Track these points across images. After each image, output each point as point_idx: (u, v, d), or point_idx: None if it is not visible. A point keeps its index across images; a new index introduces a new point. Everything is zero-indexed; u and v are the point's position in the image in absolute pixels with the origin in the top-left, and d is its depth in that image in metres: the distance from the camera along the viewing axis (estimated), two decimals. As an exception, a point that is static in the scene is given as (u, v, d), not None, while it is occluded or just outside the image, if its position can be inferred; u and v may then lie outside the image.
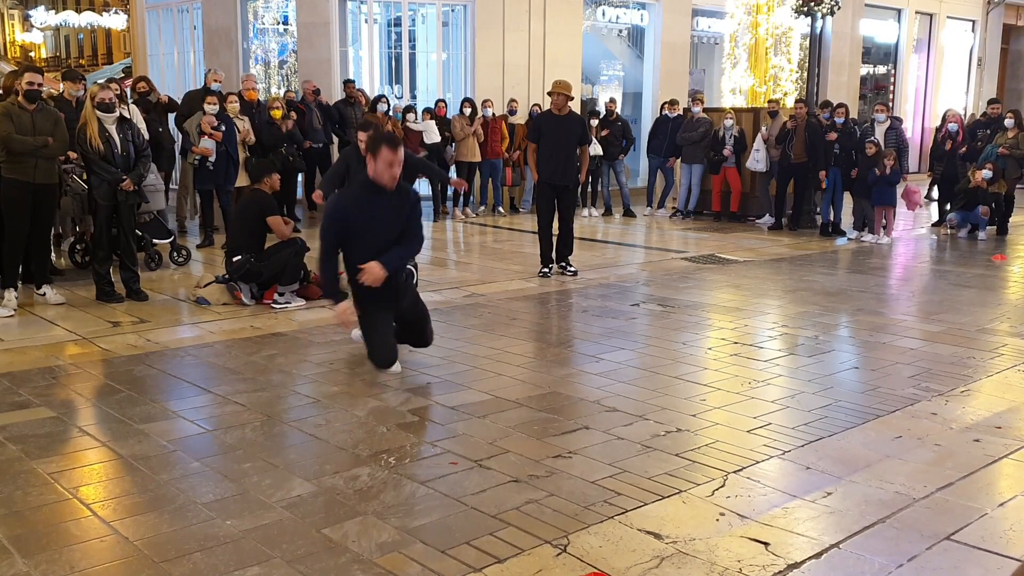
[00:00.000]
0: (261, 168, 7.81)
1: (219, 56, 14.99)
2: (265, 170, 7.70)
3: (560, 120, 8.59)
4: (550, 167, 8.60)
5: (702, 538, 3.33)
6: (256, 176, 7.72)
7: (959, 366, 5.72)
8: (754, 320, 7.10)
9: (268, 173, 7.64)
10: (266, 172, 7.66)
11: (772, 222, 12.72)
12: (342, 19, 14.76)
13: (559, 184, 8.61)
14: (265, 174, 7.63)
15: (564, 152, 8.57)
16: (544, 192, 8.76)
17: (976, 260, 10.33)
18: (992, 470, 4.05)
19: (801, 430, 4.50)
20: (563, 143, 8.55)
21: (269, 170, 7.70)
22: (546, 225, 8.75)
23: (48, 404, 4.87)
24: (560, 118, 8.60)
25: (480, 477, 3.89)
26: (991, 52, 24.29)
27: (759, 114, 13.25)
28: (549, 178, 8.63)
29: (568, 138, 8.57)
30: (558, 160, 8.55)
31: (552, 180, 8.61)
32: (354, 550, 3.22)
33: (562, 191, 8.65)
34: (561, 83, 8.68)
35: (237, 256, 7.28)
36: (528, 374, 5.49)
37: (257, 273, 7.29)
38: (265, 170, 7.70)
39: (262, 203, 7.45)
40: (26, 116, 6.75)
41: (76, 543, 3.29)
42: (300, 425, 4.57)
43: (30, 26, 48.71)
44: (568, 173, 8.61)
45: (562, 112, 8.60)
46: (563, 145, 8.56)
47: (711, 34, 18.48)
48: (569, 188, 8.72)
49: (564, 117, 8.61)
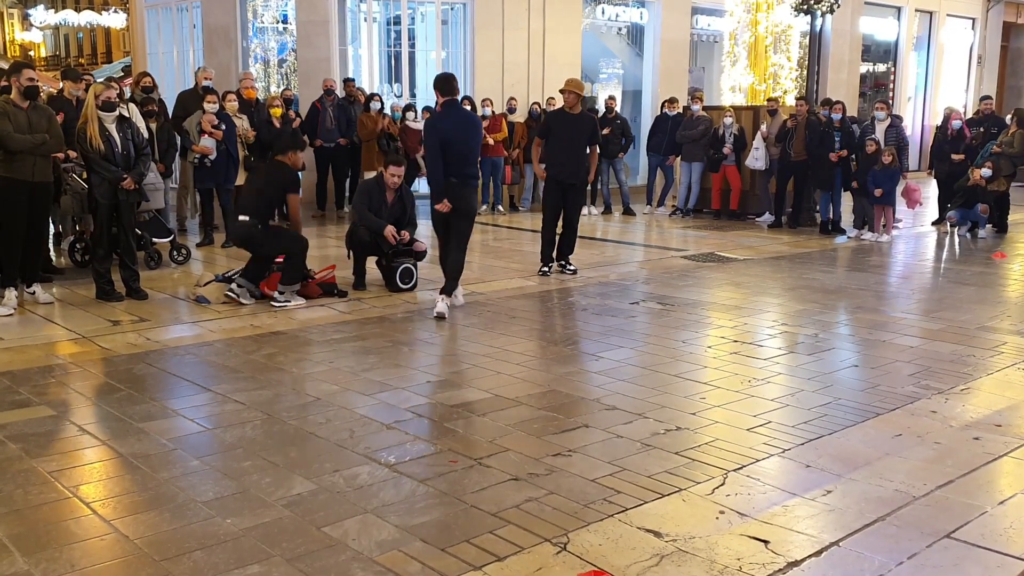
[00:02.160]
0: (286, 141, 7.44)
1: (218, 55, 14.99)
2: (291, 144, 7.33)
3: (572, 118, 8.59)
4: (559, 164, 8.61)
5: (702, 536, 3.33)
6: (281, 148, 7.33)
7: (959, 364, 5.72)
8: (754, 318, 7.10)
9: (295, 148, 7.30)
10: (292, 146, 7.30)
11: (772, 220, 12.72)
12: (341, 18, 14.75)
13: (567, 182, 8.61)
14: (291, 148, 7.27)
15: (574, 150, 8.58)
16: (552, 189, 8.76)
17: (976, 258, 10.33)
18: (992, 468, 4.05)
19: (801, 428, 4.50)
20: (574, 141, 8.56)
21: (297, 145, 7.36)
22: (550, 222, 8.74)
23: (48, 403, 4.87)
24: (572, 116, 8.59)
25: (480, 475, 3.89)
26: (991, 50, 24.29)
27: (759, 112, 13.25)
28: (557, 175, 8.63)
29: (579, 137, 8.57)
30: (568, 158, 8.56)
31: (560, 177, 8.61)
32: (354, 548, 3.23)
33: (569, 189, 8.65)
34: (573, 81, 8.71)
35: (245, 217, 7.20)
36: (528, 372, 5.49)
37: (258, 244, 7.18)
38: (291, 144, 7.33)
39: (287, 177, 7.24)
40: (21, 114, 6.74)
41: (76, 541, 3.29)
42: (300, 423, 4.57)
43: (29, 25, 48.69)
44: (577, 171, 8.62)
45: (574, 110, 8.60)
46: (574, 143, 8.57)
47: (711, 32, 18.47)
48: (577, 187, 8.72)
49: (576, 116, 8.60)
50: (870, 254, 10.52)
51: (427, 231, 11.36)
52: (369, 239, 7.76)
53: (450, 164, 7.04)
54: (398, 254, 7.83)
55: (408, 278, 7.84)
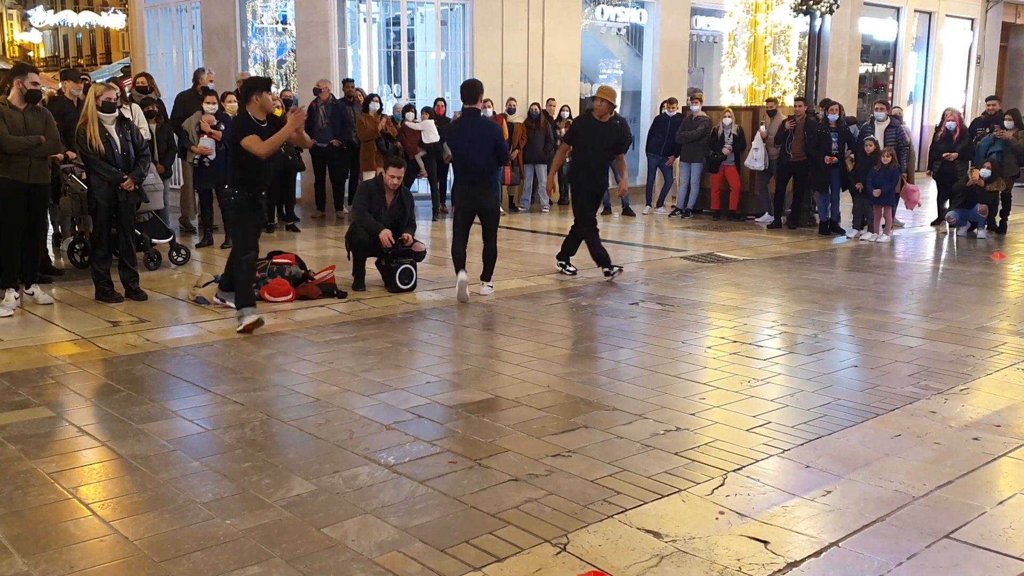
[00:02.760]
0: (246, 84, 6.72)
1: (218, 55, 14.99)
2: (252, 86, 6.53)
3: (599, 126, 8.51)
4: (583, 172, 8.65)
5: (702, 536, 3.33)
6: (244, 95, 6.58)
7: (958, 364, 5.72)
8: (753, 319, 7.10)
9: (257, 89, 6.43)
10: (253, 88, 6.47)
11: (772, 220, 12.72)
12: (341, 18, 14.76)
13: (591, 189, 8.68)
14: (253, 90, 6.43)
15: (596, 159, 8.59)
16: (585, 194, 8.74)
17: (975, 258, 10.33)
18: (991, 468, 4.05)
19: (800, 428, 4.50)
20: (597, 149, 8.53)
21: (257, 86, 6.49)
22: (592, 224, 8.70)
23: (47, 404, 4.87)
24: (600, 124, 8.52)
25: (479, 476, 3.89)
26: (990, 50, 24.31)
27: (758, 113, 13.26)
28: (583, 183, 8.67)
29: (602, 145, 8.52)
30: (590, 165, 8.59)
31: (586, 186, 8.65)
32: (354, 549, 3.23)
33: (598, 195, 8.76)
34: (606, 89, 8.73)
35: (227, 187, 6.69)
36: (527, 373, 5.49)
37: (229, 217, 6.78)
38: (252, 86, 6.53)
39: (238, 126, 6.42)
40: (18, 116, 6.75)
41: (76, 543, 3.29)
42: (299, 424, 4.57)
43: (29, 26, 48.69)
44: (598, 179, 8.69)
45: (603, 119, 8.52)
46: (597, 152, 8.56)
47: (710, 32, 18.48)
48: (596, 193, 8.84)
49: (604, 124, 8.52)
50: (869, 254, 10.53)
51: (426, 232, 11.38)
52: (368, 240, 7.77)
53: (463, 169, 7.79)
54: (397, 255, 7.84)
55: (407, 279, 7.84)
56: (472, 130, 7.67)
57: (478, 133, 7.64)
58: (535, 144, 13.87)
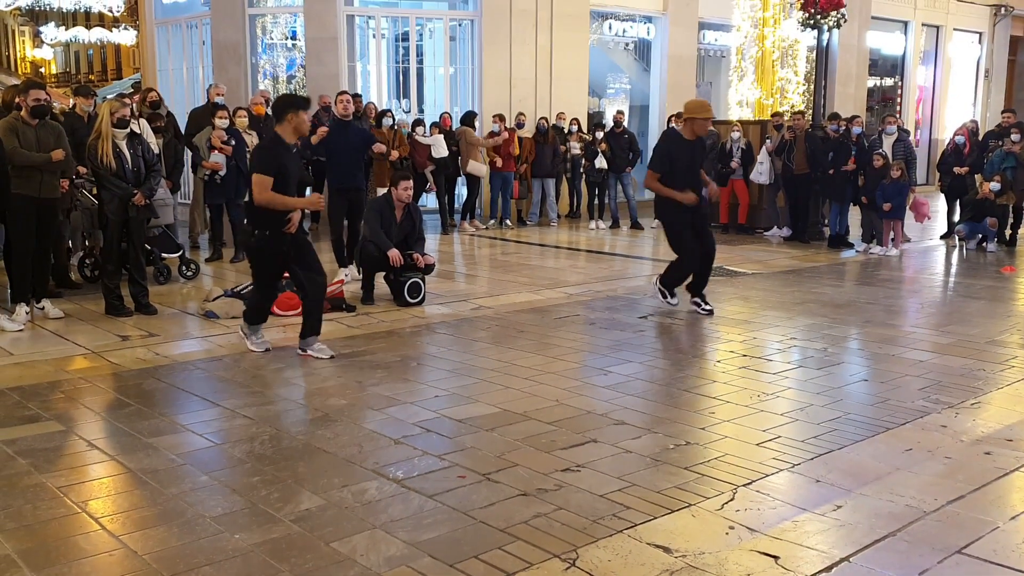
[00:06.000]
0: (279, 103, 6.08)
1: (227, 71, 15.07)
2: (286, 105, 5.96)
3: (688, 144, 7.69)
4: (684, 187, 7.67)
5: (711, 552, 3.32)
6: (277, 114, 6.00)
7: (969, 378, 5.69)
8: (763, 332, 7.09)
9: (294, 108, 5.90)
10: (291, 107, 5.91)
11: (789, 233, 12.66)
12: (350, 34, 14.84)
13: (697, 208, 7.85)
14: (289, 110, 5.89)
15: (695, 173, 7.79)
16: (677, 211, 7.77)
17: (985, 272, 10.30)
18: (1003, 483, 4.02)
19: (811, 443, 4.48)
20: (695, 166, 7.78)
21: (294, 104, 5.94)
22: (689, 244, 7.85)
23: (57, 418, 4.88)
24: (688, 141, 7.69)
25: (488, 490, 3.88)
26: (998, 64, 24.30)
27: (766, 126, 13.26)
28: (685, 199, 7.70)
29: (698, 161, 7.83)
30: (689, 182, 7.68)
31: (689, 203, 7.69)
32: (362, 564, 3.22)
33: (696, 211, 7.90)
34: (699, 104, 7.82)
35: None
36: (536, 387, 5.49)
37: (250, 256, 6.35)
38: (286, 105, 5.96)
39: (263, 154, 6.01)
40: (30, 131, 6.82)
41: (85, 557, 3.29)
42: (308, 438, 4.57)
43: (40, 42, 49.07)
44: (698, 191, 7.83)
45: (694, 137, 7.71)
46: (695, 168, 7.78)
47: (718, 47, 18.51)
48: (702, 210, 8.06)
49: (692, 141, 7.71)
50: (879, 268, 10.49)
51: (435, 245, 11.40)
52: (379, 255, 7.80)
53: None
54: (406, 268, 7.86)
55: (416, 292, 7.86)
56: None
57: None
58: (543, 158, 13.90)
